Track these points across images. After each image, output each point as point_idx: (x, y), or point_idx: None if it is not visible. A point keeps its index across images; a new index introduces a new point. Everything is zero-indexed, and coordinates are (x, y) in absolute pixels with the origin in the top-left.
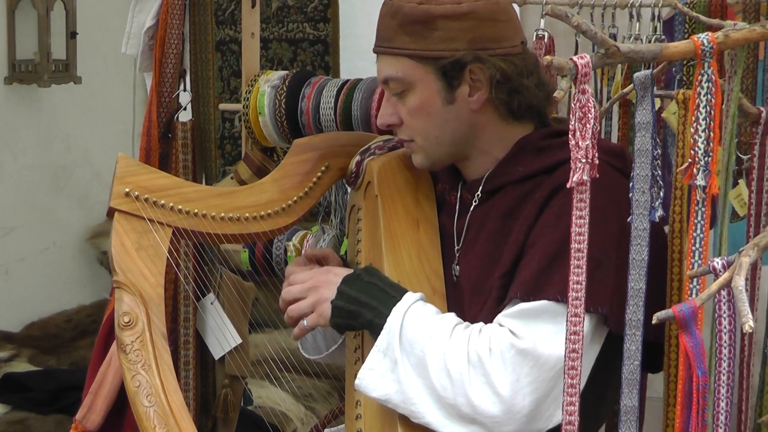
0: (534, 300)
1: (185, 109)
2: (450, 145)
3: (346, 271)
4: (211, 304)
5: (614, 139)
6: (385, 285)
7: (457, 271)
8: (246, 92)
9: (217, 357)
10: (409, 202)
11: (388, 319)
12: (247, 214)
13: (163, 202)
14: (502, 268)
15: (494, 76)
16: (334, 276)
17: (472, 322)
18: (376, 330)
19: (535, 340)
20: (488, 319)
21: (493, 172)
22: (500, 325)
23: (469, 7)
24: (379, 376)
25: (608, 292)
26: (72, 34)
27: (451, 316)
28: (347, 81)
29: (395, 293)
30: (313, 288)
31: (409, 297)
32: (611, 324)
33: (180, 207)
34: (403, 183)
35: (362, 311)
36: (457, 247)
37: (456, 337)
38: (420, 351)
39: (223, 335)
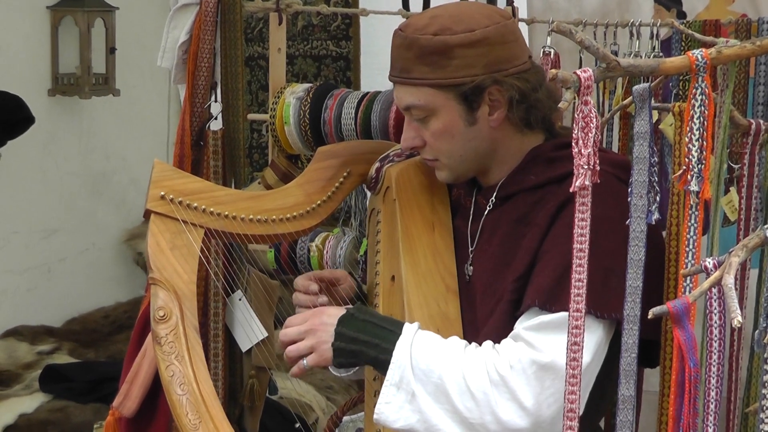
0: (553, 311)
1: (216, 118)
2: (473, 161)
3: (339, 312)
4: (239, 300)
5: (615, 149)
6: (379, 321)
7: (470, 271)
8: (273, 103)
9: (244, 349)
10: (425, 206)
11: (395, 353)
12: (273, 216)
13: (195, 204)
14: (516, 272)
15: (513, 96)
16: (328, 318)
17: (484, 319)
18: (381, 365)
19: (555, 353)
20: (501, 320)
21: (506, 179)
22: (514, 340)
23: (482, 34)
24: (396, 408)
25: (621, 300)
26: (111, 50)
27: (456, 340)
28: (367, 93)
29: (393, 327)
30: (310, 331)
31: (409, 329)
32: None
33: (211, 209)
34: (420, 188)
35: (363, 349)
36: (471, 249)
37: (471, 359)
38: (437, 378)
39: (250, 329)
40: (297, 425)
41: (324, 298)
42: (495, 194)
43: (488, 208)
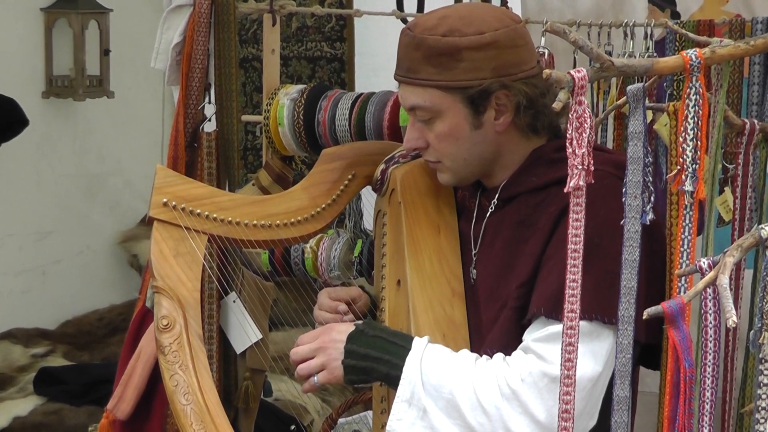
0: (560, 319)
1: (210, 120)
2: (477, 165)
3: (348, 328)
4: (234, 302)
5: None
6: (389, 336)
7: (474, 275)
8: (267, 104)
9: (238, 351)
10: (431, 208)
11: (404, 369)
12: (278, 221)
13: (198, 210)
14: (519, 278)
15: (521, 102)
16: (338, 334)
17: (488, 325)
18: (393, 381)
19: None
20: (505, 327)
21: (508, 181)
22: (524, 352)
23: (492, 37)
24: (408, 425)
25: None
26: (105, 52)
27: (466, 353)
28: (361, 94)
29: (403, 342)
30: (320, 349)
31: (419, 343)
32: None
33: (215, 215)
34: (425, 190)
35: (375, 366)
36: (474, 252)
37: (481, 373)
38: (448, 394)
39: (244, 331)
40: (292, 427)
41: (350, 317)
42: (497, 196)
43: (490, 210)
